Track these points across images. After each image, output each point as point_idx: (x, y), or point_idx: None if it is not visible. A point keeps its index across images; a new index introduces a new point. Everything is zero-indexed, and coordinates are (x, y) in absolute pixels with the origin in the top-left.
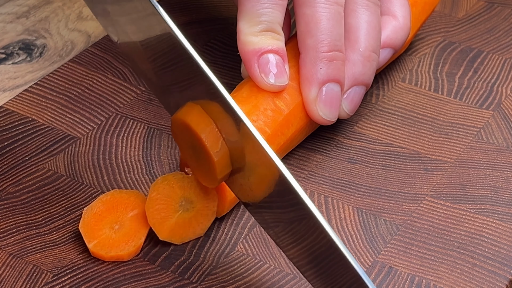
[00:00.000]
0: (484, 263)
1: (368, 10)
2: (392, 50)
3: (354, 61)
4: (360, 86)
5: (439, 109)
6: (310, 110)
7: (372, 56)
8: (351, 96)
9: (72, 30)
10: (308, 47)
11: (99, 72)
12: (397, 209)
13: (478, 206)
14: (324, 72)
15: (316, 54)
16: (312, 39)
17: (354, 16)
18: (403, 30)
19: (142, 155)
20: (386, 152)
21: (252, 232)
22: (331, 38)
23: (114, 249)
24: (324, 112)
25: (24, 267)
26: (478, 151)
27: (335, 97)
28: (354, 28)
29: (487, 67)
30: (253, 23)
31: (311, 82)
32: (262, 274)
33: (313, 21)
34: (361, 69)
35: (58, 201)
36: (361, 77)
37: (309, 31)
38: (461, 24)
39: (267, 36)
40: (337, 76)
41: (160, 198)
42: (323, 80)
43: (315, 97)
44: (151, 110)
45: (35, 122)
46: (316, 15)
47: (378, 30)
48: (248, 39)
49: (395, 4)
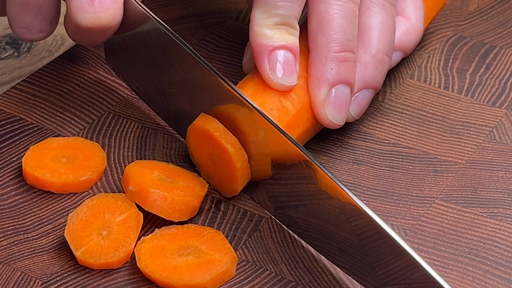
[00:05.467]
0: (497, 270)
1: (383, 10)
2: (402, 53)
3: (366, 63)
4: (370, 89)
5: (449, 108)
6: (318, 113)
7: (384, 59)
8: (359, 99)
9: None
10: (319, 46)
11: (90, 69)
12: (405, 213)
13: (490, 210)
14: (335, 73)
15: (327, 53)
16: (324, 37)
17: (368, 16)
18: (416, 33)
19: (136, 156)
20: (393, 152)
21: (252, 237)
22: (344, 38)
23: (103, 256)
24: (333, 115)
25: (11, 274)
26: (491, 152)
27: (345, 99)
28: (367, 28)
29: (500, 63)
30: (269, 14)
31: (321, 82)
32: (263, 282)
33: (326, 19)
34: (372, 72)
35: (47, 204)
36: (371, 80)
37: (321, 28)
38: (472, 18)
39: (282, 31)
40: (348, 77)
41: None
42: (334, 82)
43: (324, 99)
44: (145, 108)
45: (23, 121)
46: (330, 12)
47: (393, 32)
48: (262, 30)
49: (409, 4)
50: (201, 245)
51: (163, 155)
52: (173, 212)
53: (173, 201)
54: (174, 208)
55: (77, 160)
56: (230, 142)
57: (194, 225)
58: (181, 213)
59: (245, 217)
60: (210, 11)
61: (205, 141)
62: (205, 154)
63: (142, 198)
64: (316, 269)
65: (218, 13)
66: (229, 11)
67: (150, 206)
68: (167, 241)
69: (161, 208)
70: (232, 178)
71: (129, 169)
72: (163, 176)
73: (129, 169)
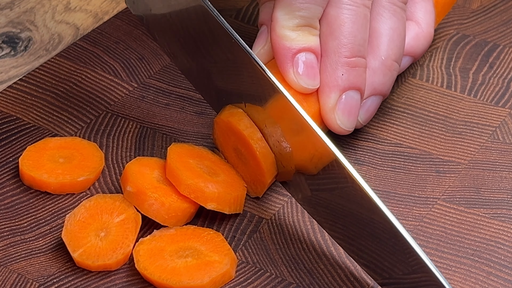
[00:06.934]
0: (500, 272)
1: (394, 16)
2: (411, 59)
3: (375, 69)
4: (378, 96)
5: (452, 107)
6: (328, 118)
7: (394, 66)
8: (367, 106)
9: (59, 22)
10: (330, 51)
11: (88, 67)
12: (407, 214)
13: (493, 211)
14: (346, 79)
15: (337, 58)
16: (334, 42)
17: (379, 21)
18: (426, 39)
19: (135, 156)
20: (395, 153)
21: (252, 239)
22: (355, 43)
23: (101, 257)
24: (343, 121)
25: (8, 276)
26: (494, 152)
27: (355, 105)
28: (377, 33)
29: (503, 61)
30: (292, 16)
31: (331, 88)
32: (263, 284)
33: (337, 23)
34: (381, 79)
35: (44, 205)
36: (380, 86)
37: (331, 33)
38: (475, 16)
39: (305, 32)
40: (358, 83)
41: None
42: (344, 87)
43: (334, 105)
44: (144, 108)
45: (19, 121)
46: (341, 16)
47: (403, 38)
48: (285, 32)
49: (419, 9)
50: (200, 246)
51: (162, 155)
52: (169, 218)
53: (170, 207)
54: (171, 214)
55: (74, 160)
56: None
57: (193, 226)
58: (177, 219)
59: (245, 218)
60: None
61: (231, 136)
62: (231, 148)
63: (139, 201)
64: (317, 271)
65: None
66: (229, 9)
67: (147, 210)
68: (165, 242)
69: (157, 213)
70: (259, 176)
71: (129, 167)
72: (162, 177)
73: (129, 167)
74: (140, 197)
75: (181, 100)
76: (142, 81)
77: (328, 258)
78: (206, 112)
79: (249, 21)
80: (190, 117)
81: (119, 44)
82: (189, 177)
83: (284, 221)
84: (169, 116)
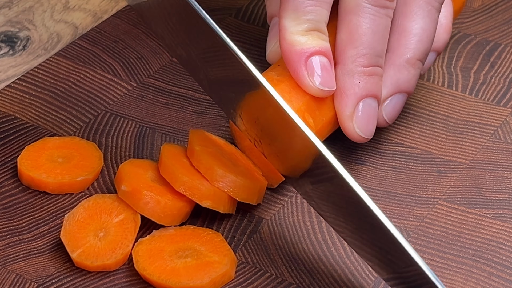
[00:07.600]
0: (502, 272)
1: (428, 16)
2: (435, 54)
3: (399, 66)
4: (403, 93)
5: (453, 107)
6: (346, 127)
7: (417, 64)
8: (393, 104)
9: (58, 21)
10: (347, 59)
11: (87, 67)
12: (408, 214)
13: (495, 211)
14: (363, 86)
15: (354, 67)
16: (353, 51)
17: (411, 19)
18: (446, 32)
19: (134, 156)
20: (396, 152)
21: (252, 239)
22: (373, 54)
23: (100, 258)
24: (361, 129)
25: (6, 276)
26: (495, 152)
27: (373, 113)
28: (407, 32)
29: (505, 61)
30: (299, 21)
31: (349, 96)
32: (263, 284)
33: (357, 32)
34: (406, 76)
35: (43, 205)
36: (405, 84)
37: (351, 41)
38: (477, 15)
39: (314, 36)
40: (375, 91)
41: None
42: (361, 95)
43: (352, 113)
44: (143, 107)
45: (18, 120)
46: (363, 26)
47: (431, 40)
48: (295, 38)
49: None
50: (200, 246)
51: None
52: (164, 216)
53: (165, 205)
54: (166, 213)
55: (73, 160)
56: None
57: (193, 227)
58: (172, 218)
59: (245, 218)
60: (210, 8)
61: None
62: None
63: (134, 199)
64: (317, 271)
65: (217, 10)
66: (228, 8)
67: (142, 209)
68: (165, 242)
69: (153, 211)
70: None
71: (123, 167)
72: (156, 178)
73: (123, 167)
74: (135, 195)
75: (181, 100)
76: (141, 80)
77: (328, 259)
78: (205, 112)
79: (249, 20)
80: (189, 116)
81: (118, 43)
82: (185, 174)
83: (284, 221)
84: (168, 115)
